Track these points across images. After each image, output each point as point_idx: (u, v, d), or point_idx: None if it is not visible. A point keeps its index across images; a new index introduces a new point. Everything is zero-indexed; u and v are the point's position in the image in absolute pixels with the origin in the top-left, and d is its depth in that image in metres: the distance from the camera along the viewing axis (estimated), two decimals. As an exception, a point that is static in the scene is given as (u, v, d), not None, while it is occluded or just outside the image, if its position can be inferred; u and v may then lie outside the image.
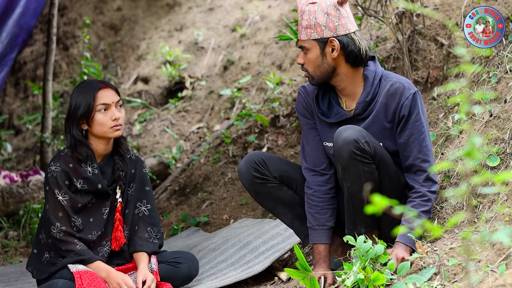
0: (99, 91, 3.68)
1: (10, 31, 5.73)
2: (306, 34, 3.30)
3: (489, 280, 2.67)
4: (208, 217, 5.01)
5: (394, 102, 3.28)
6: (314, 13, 3.27)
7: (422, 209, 3.21)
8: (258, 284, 3.73)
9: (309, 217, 3.42)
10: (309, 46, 3.31)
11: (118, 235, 3.75)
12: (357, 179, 3.20)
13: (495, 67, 3.85)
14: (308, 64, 3.33)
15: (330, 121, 3.37)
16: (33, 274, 3.74)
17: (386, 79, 3.33)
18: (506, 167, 3.36)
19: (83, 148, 3.69)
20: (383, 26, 5.14)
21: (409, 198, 3.27)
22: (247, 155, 3.52)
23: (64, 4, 8.17)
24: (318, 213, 3.40)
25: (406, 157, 3.29)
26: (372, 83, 3.32)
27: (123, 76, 7.61)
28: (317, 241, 3.39)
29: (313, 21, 3.27)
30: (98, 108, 3.66)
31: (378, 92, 3.32)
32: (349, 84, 3.35)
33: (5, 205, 5.54)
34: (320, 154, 3.43)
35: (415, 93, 3.28)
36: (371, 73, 3.33)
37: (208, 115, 6.50)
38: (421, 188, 3.24)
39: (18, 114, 7.85)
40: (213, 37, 7.27)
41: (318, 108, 3.41)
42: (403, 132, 3.28)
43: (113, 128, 3.67)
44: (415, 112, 3.26)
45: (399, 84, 3.30)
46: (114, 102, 3.69)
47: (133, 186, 3.81)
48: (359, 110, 3.33)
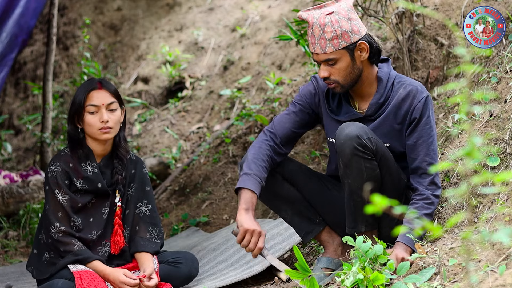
0: (91, 91, 3.66)
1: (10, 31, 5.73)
2: (333, 45, 3.24)
3: (489, 280, 2.67)
4: (208, 217, 5.01)
5: (406, 104, 3.30)
6: (338, 22, 3.24)
7: (424, 211, 3.21)
8: (258, 284, 3.72)
9: (251, 164, 3.32)
10: (338, 57, 3.26)
11: (117, 239, 3.74)
12: (359, 176, 3.20)
13: (495, 67, 3.85)
14: (337, 75, 3.28)
15: (340, 119, 3.37)
16: (33, 274, 3.74)
17: (399, 82, 3.34)
18: (506, 167, 3.36)
19: (78, 146, 3.70)
20: (383, 26, 5.14)
21: (412, 200, 3.27)
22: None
23: (64, 4, 8.17)
24: (260, 165, 3.33)
25: (413, 159, 3.30)
26: (385, 85, 3.33)
27: (123, 76, 7.61)
28: (249, 186, 3.28)
29: (339, 31, 3.24)
30: (87, 108, 3.65)
31: (391, 95, 3.33)
32: (365, 85, 3.35)
33: (5, 205, 5.54)
34: (289, 132, 3.43)
35: (427, 97, 3.30)
36: (385, 75, 3.34)
37: (208, 115, 6.50)
38: (425, 191, 3.24)
39: (18, 114, 7.85)
40: (213, 37, 7.27)
41: (328, 105, 3.41)
42: (412, 134, 3.29)
43: (101, 130, 3.65)
44: (426, 115, 3.28)
45: (412, 87, 3.31)
46: (105, 105, 3.65)
47: (133, 186, 3.81)
48: (371, 111, 3.34)
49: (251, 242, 3.24)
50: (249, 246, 3.24)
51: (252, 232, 3.23)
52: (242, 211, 3.27)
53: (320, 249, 3.77)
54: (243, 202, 3.28)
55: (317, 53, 3.27)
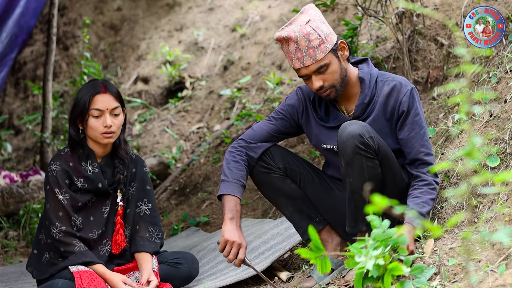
0: (96, 95, 3.65)
1: (10, 31, 5.73)
2: (322, 51, 3.25)
3: (489, 280, 2.67)
4: (208, 217, 5.01)
5: (392, 100, 3.32)
6: (318, 28, 3.26)
7: (429, 196, 3.22)
8: (258, 284, 3.72)
9: (226, 171, 3.41)
10: (328, 61, 3.28)
11: (118, 239, 3.74)
12: (360, 175, 3.20)
13: (495, 67, 3.85)
14: (331, 79, 3.29)
15: (330, 125, 3.39)
16: (33, 274, 3.74)
17: (382, 79, 3.37)
18: (506, 167, 3.36)
19: (79, 146, 3.70)
20: (383, 26, 5.14)
21: (414, 185, 3.26)
22: None
23: (64, 4, 8.17)
24: (237, 168, 3.40)
25: (408, 152, 3.32)
26: (368, 84, 3.35)
27: (123, 76, 7.61)
28: (230, 192, 3.36)
29: (323, 35, 3.26)
30: (91, 112, 3.64)
31: (375, 93, 3.34)
32: (349, 85, 3.37)
33: (5, 205, 5.54)
34: (265, 134, 3.47)
35: (412, 89, 3.32)
36: (367, 74, 3.36)
37: (208, 115, 6.50)
38: (428, 177, 3.25)
39: (18, 114, 7.85)
40: (213, 37, 7.27)
41: (316, 113, 3.42)
42: (403, 128, 3.30)
43: (104, 135, 3.65)
44: (414, 108, 3.30)
45: (395, 82, 3.34)
46: (109, 109, 3.65)
47: (134, 186, 3.81)
48: (358, 112, 3.35)
49: (231, 253, 3.31)
50: (229, 257, 3.32)
51: (232, 243, 3.30)
52: (227, 220, 3.34)
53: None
54: (227, 211, 3.35)
55: (307, 66, 3.27)
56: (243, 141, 3.48)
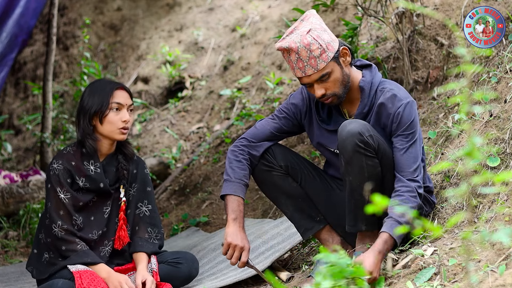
0: (116, 90, 3.71)
1: (10, 31, 5.73)
2: (323, 60, 3.24)
3: (489, 280, 2.67)
4: (208, 217, 5.01)
5: (386, 112, 3.28)
6: (319, 37, 3.24)
7: (410, 205, 3.16)
8: (258, 284, 3.72)
9: (228, 171, 3.42)
10: (330, 69, 3.26)
11: (122, 234, 3.75)
12: (360, 173, 3.20)
13: (495, 67, 3.86)
14: (333, 87, 3.28)
15: (331, 129, 3.38)
16: (33, 274, 3.74)
17: (382, 89, 3.32)
18: (506, 167, 3.37)
19: (91, 141, 3.70)
20: (383, 26, 5.14)
21: (397, 190, 3.20)
22: None
23: (64, 4, 8.17)
24: (240, 167, 3.41)
25: (395, 165, 3.25)
26: (368, 94, 3.32)
27: (123, 76, 7.61)
28: (233, 192, 3.36)
29: (324, 44, 3.24)
30: (112, 106, 3.67)
31: (374, 103, 3.32)
32: (352, 90, 3.36)
33: (5, 205, 5.54)
34: (268, 133, 3.48)
35: (408, 103, 3.26)
36: (367, 84, 3.33)
37: (208, 115, 6.50)
38: (410, 183, 3.20)
39: (18, 114, 7.86)
40: (213, 37, 7.27)
41: (318, 116, 3.42)
42: (396, 140, 3.26)
43: (121, 129, 3.68)
44: (407, 121, 3.25)
45: (391, 93, 3.29)
46: (127, 105, 3.71)
47: (135, 186, 3.82)
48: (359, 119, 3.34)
49: (233, 256, 3.32)
50: (232, 261, 3.33)
51: (235, 247, 3.31)
52: (230, 221, 3.35)
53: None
54: (230, 212, 3.35)
55: (309, 75, 3.26)
56: (245, 140, 3.49)
